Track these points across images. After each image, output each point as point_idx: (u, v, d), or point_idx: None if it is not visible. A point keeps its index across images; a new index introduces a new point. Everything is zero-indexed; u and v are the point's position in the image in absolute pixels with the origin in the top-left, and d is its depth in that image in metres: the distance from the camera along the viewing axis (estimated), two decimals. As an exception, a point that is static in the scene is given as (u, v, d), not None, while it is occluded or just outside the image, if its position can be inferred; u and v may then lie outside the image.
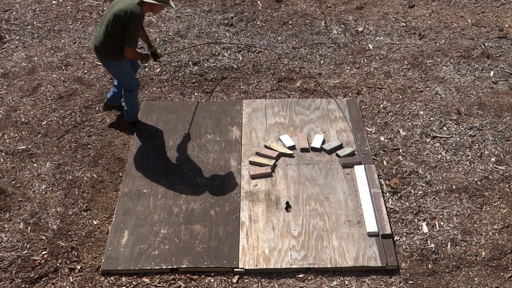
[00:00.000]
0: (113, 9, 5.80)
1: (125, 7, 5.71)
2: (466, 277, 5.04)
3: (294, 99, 7.01)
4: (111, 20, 5.76)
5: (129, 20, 5.70)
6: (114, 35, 5.83)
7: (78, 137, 6.53)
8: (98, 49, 6.01)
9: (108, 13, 5.87)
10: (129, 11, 5.68)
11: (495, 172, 6.02)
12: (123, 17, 5.70)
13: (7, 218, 5.58)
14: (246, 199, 5.70)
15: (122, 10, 5.69)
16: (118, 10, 5.72)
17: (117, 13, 5.71)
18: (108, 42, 5.88)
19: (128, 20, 5.70)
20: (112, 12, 5.76)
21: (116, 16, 5.72)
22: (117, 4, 5.82)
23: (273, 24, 8.64)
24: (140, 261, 5.12)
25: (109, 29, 5.81)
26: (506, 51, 7.94)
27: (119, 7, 5.74)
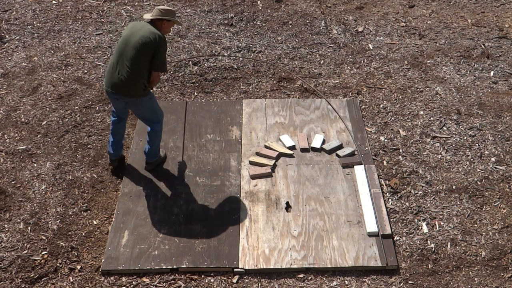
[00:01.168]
0: (134, 40, 5.31)
1: (150, 33, 5.30)
2: (466, 277, 5.04)
3: (294, 99, 7.01)
4: (139, 50, 5.27)
5: (159, 44, 5.30)
6: (143, 67, 5.35)
7: (78, 137, 6.53)
8: (124, 90, 5.41)
9: (127, 46, 5.34)
10: (157, 35, 5.30)
11: (495, 172, 6.02)
12: (153, 43, 5.28)
13: (7, 218, 5.58)
14: (246, 199, 5.70)
15: (149, 37, 5.28)
16: (144, 38, 5.28)
17: (144, 40, 5.26)
18: (138, 78, 5.35)
19: (158, 44, 5.29)
20: (136, 43, 5.28)
21: (145, 44, 5.26)
22: (134, 34, 5.35)
23: (273, 24, 8.64)
24: (140, 261, 5.12)
25: (139, 62, 5.30)
26: (506, 51, 7.94)
27: (141, 35, 5.29)
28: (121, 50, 5.38)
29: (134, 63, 5.31)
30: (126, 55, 5.34)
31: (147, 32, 5.31)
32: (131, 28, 5.42)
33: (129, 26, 5.46)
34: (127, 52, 5.33)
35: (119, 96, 5.46)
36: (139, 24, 5.43)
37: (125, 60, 5.33)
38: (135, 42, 5.29)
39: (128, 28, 5.45)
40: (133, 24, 5.48)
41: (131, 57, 5.31)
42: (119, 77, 5.37)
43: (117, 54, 5.41)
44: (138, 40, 5.29)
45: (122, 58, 5.36)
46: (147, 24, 5.41)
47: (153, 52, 5.31)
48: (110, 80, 5.45)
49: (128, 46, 5.33)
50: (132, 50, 5.30)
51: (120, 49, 5.39)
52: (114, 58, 5.43)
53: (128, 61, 5.32)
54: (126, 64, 5.32)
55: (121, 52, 5.37)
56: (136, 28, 5.39)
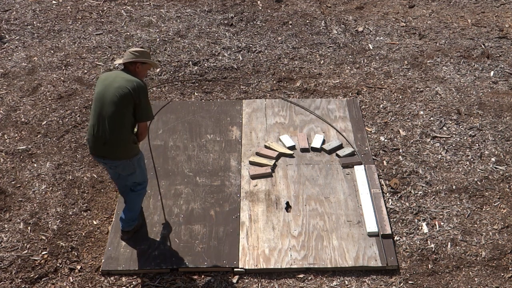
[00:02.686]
0: (109, 95, 4.65)
1: (126, 82, 4.68)
2: (466, 277, 5.04)
3: (294, 99, 7.01)
4: (119, 105, 4.62)
5: (139, 92, 4.68)
6: (127, 122, 4.70)
7: (78, 137, 6.53)
8: (112, 153, 4.75)
9: (104, 104, 4.66)
10: (134, 82, 4.69)
11: (495, 172, 6.02)
12: (132, 93, 4.64)
13: (7, 218, 5.58)
14: (246, 199, 5.70)
15: (126, 87, 4.65)
16: (120, 90, 4.64)
17: (122, 93, 4.63)
18: (124, 136, 4.71)
19: (138, 93, 4.67)
20: (113, 97, 4.63)
21: (124, 97, 4.62)
22: (108, 88, 4.68)
23: (273, 24, 8.64)
24: (140, 261, 5.11)
25: (121, 118, 4.65)
26: (506, 51, 7.94)
27: (117, 87, 4.66)
28: (98, 109, 4.68)
29: (116, 121, 4.65)
30: (105, 114, 4.66)
31: (122, 82, 4.67)
32: (103, 82, 4.75)
33: (101, 80, 4.78)
34: (105, 110, 4.65)
35: (107, 160, 4.81)
36: (110, 75, 4.78)
37: (106, 120, 4.65)
38: (112, 97, 4.62)
39: (100, 83, 4.77)
40: (104, 76, 4.80)
41: (111, 115, 4.63)
42: (102, 140, 4.70)
43: (95, 114, 4.71)
44: (115, 94, 4.62)
45: (101, 118, 4.67)
46: (119, 73, 4.78)
47: (134, 103, 4.67)
48: (94, 145, 4.77)
49: (105, 104, 4.65)
50: (110, 106, 4.63)
51: (97, 108, 4.69)
52: (93, 120, 4.73)
53: (109, 120, 4.64)
54: (108, 124, 4.65)
55: (99, 112, 4.68)
56: (108, 80, 4.73)
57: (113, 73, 4.82)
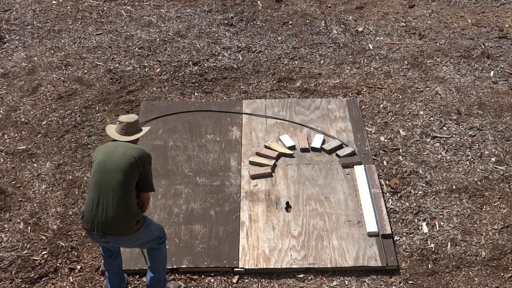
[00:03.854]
0: (114, 164, 4.30)
1: (132, 150, 4.36)
2: (466, 277, 5.04)
3: (294, 99, 7.01)
4: (127, 175, 4.28)
5: (146, 160, 4.39)
6: (133, 193, 4.36)
7: (78, 137, 6.53)
8: (116, 229, 4.30)
9: (107, 175, 4.29)
10: (140, 151, 4.39)
11: (495, 172, 6.02)
12: (139, 161, 4.33)
13: (7, 218, 5.58)
14: (246, 199, 5.70)
15: (133, 156, 4.32)
16: (128, 158, 4.30)
17: (130, 161, 4.29)
18: (130, 209, 4.32)
19: (145, 161, 4.37)
20: (121, 166, 4.28)
21: (132, 165, 4.29)
22: (111, 158, 4.33)
23: (273, 24, 8.64)
24: (140, 261, 5.11)
25: (128, 189, 4.30)
26: (506, 51, 7.94)
27: (122, 154, 4.33)
28: (100, 181, 4.30)
29: (122, 191, 4.28)
30: (108, 185, 4.27)
31: (126, 149, 4.36)
32: (103, 151, 4.40)
33: (100, 152, 4.42)
34: (110, 181, 4.27)
35: (108, 238, 4.33)
36: (110, 145, 4.46)
37: (110, 190, 4.26)
38: (118, 165, 4.28)
39: (99, 154, 4.40)
40: (104, 148, 4.45)
41: (117, 184, 4.26)
42: (106, 215, 4.26)
43: (96, 186, 4.31)
44: (121, 161, 4.29)
45: (104, 191, 4.28)
46: (120, 143, 4.45)
47: (139, 172, 4.34)
48: (93, 221, 4.29)
49: (108, 172, 4.28)
50: (116, 175, 4.27)
51: (99, 180, 4.31)
52: (93, 193, 4.31)
53: (114, 190, 4.26)
54: (112, 196, 4.26)
55: (101, 184, 4.29)
56: (109, 149, 4.40)
57: (112, 144, 4.46)
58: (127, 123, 4.51)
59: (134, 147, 4.42)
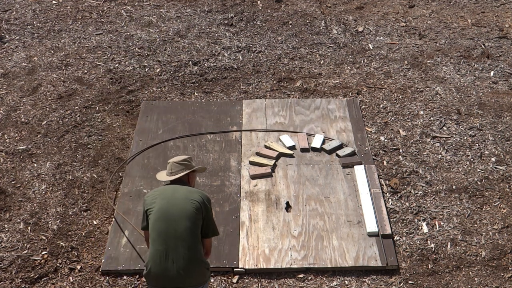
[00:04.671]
0: (178, 210, 4.02)
1: (193, 194, 4.13)
2: (466, 277, 5.04)
3: (294, 99, 7.01)
4: (193, 221, 4.02)
5: (208, 204, 4.18)
6: (199, 240, 4.09)
7: (78, 137, 6.53)
8: (188, 280, 4.01)
9: (173, 223, 3.99)
10: (201, 194, 4.16)
11: (495, 172, 6.02)
12: (203, 205, 4.10)
13: (7, 218, 5.58)
14: (246, 199, 5.70)
15: (196, 200, 4.08)
16: (192, 203, 4.06)
17: (196, 206, 4.06)
18: (199, 257, 4.06)
19: (207, 205, 4.15)
20: (186, 212, 4.02)
21: (198, 210, 4.06)
22: (173, 204, 4.05)
23: (273, 24, 8.64)
24: (140, 261, 5.11)
25: (195, 235, 4.04)
26: (506, 51, 7.94)
27: (185, 199, 4.08)
28: (166, 231, 3.98)
29: (191, 240, 4.00)
30: (175, 234, 3.98)
31: (187, 193, 4.11)
32: (163, 198, 4.09)
33: (157, 198, 4.11)
34: (176, 229, 3.98)
35: None
36: (167, 189, 4.17)
37: (178, 241, 3.97)
38: (182, 211, 4.01)
39: (157, 200, 4.10)
40: (161, 193, 4.15)
41: (185, 233, 3.98)
42: (177, 267, 3.96)
43: (162, 238, 3.98)
44: (186, 207, 4.03)
45: (171, 241, 3.97)
46: (177, 187, 4.20)
47: (202, 217, 4.10)
48: (164, 276, 3.97)
49: (173, 222, 3.99)
50: (183, 222, 3.99)
51: (164, 230, 3.99)
52: (159, 245, 3.98)
53: (183, 240, 3.97)
54: (182, 245, 3.97)
55: (167, 233, 3.97)
56: (168, 194, 4.12)
57: (169, 187, 4.20)
58: (174, 162, 4.27)
59: (194, 190, 4.17)
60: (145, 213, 4.16)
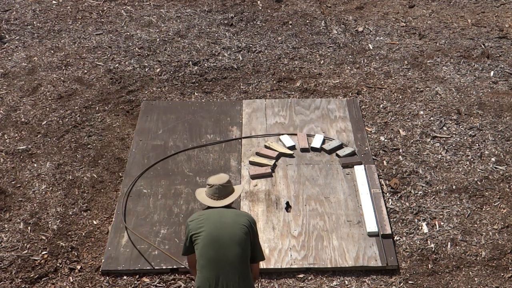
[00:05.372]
0: (228, 235, 3.87)
1: (240, 218, 3.97)
2: (466, 277, 5.04)
3: (294, 99, 7.01)
4: (244, 245, 3.88)
5: (254, 227, 4.02)
6: (248, 265, 3.96)
7: (78, 137, 6.53)
8: None
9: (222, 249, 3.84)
10: (247, 216, 4.02)
11: (495, 172, 6.02)
12: (251, 229, 3.97)
13: (7, 218, 5.58)
14: (246, 199, 5.70)
15: (244, 224, 3.93)
16: (241, 227, 3.91)
17: (245, 230, 3.91)
18: (252, 283, 3.96)
19: (254, 228, 4.01)
20: (236, 237, 3.86)
21: (247, 234, 3.91)
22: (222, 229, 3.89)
23: (273, 24, 8.64)
24: (140, 261, 5.11)
25: (246, 261, 3.91)
26: (506, 51, 7.94)
27: (234, 223, 3.92)
28: (216, 258, 3.84)
29: (242, 267, 3.87)
30: (226, 261, 3.83)
31: (234, 217, 3.96)
32: (210, 224, 3.92)
33: (204, 223, 3.94)
34: (227, 256, 3.84)
35: None
36: (213, 213, 4.01)
37: (228, 268, 3.82)
38: (232, 236, 3.86)
39: (205, 225, 3.92)
40: (207, 218, 3.97)
41: (236, 260, 3.85)
42: None
43: (211, 264, 3.83)
44: (235, 232, 3.88)
45: (222, 268, 3.83)
46: (223, 210, 4.02)
47: (250, 241, 3.96)
48: None
49: (223, 249, 3.84)
50: (233, 248, 3.85)
51: (214, 256, 3.84)
52: (209, 272, 3.83)
53: (234, 267, 3.83)
54: (232, 272, 3.83)
55: (216, 260, 3.83)
56: (214, 218, 3.95)
57: (214, 211, 4.03)
58: (220, 185, 4.04)
59: (241, 213, 4.02)
60: (189, 238, 3.98)
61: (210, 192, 4.08)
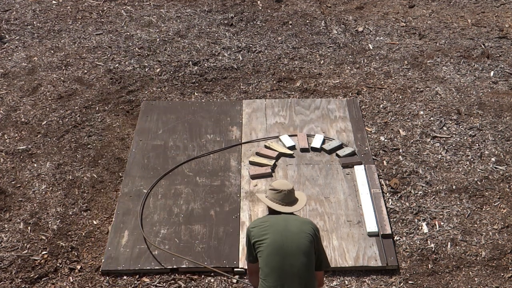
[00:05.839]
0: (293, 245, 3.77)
1: (305, 225, 3.89)
2: (466, 277, 5.04)
3: (294, 99, 7.01)
4: (309, 255, 3.80)
5: (318, 235, 3.93)
6: (314, 274, 3.89)
7: (78, 137, 6.53)
8: None
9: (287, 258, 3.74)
10: (311, 223, 3.94)
11: (495, 172, 6.02)
12: (315, 237, 3.89)
13: (7, 218, 5.58)
14: (246, 199, 5.70)
15: (309, 233, 3.85)
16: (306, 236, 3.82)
17: (310, 239, 3.83)
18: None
19: (318, 235, 3.92)
20: (301, 246, 3.77)
21: (312, 243, 3.83)
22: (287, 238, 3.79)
23: (273, 24, 8.64)
24: (140, 261, 5.11)
25: (311, 270, 3.83)
26: (506, 51, 7.94)
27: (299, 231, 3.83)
28: (282, 267, 3.74)
29: (308, 277, 3.80)
30: (292, 270, 3.75)
31: (298, 225, 3.87)
32: (275, 231, 3.82)
33: (268, 230, 3.84)
34: (293, 265, 3.75)
35: None
36: (278, 220, 3.91)
37: (295, 278, 3.74)
38: (298, 245, 3.78)
39: (270, 233, 3.82)
40: (271, 225, 3.87)
41: (303, 270, 3.77)
42: None
43: (277, 274, 3.74)
44: (303, 242, 3.79)
45: (287, 278, 3.74)
46: (288, 217, 3.93)
47: (314, 249, 3.88)
48: None
49: (289, 258, 3.75)
50: (301, 259, 3.76)
51: (279, 265, 3.75)
52: (273, 281, 3.74)
53: (300, 277, 3.76)
54: (299, 282, 3.74)
55: (282, 269, 3.74)
56: (280, 226, 3.85)
57: (279, 217, 3.93)
58: (288, 190, 3.97)
59: (306, 221, 3.94)
60: (252, 245, 3.88)
61: (278, 198, 3.98)
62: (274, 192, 3.99)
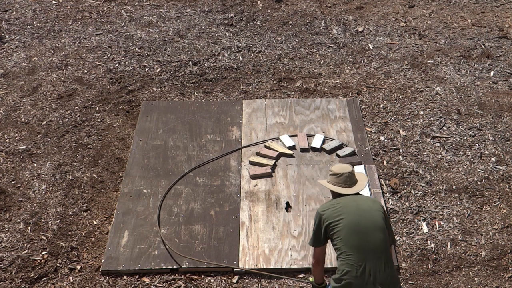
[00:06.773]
0: (369, 222, 3.89)
1: (374, 203, 4.02)
2: (466, 277, 5.04)
3: (294, 99, 7.01)
4: (384, 229, 3.93)
5: (386, 212, 4.10)
6: (390, 249, 4.00)
7: (78, 137, 6.54)
8: None
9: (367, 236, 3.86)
10: (379, 203, 4.06)
11: (495, 172, 6.02)
12: (384, 215, 4.00)
13: (7, 218, 5.58)
14: (246, 199, 5.70)
15: (380, 210, 3.99)
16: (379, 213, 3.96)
17: (382, 216, 3.97)
18: (397, 274, 4.06)
19: (386, 213, 4.08)
20: (377, 223, 3.90)
21: (384, 219, 3.97)
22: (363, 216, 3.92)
23: (273, 24, 8.64)
24: (140, 261, 5.12)
25: (388, 243, 3.95)
26: (506, 51, 7.94)
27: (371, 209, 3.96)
28: (359, 244, 3.84)
29: (386, 252, 3.89)
30: (371, 246, 3.85)
31: (371, 204, 3.99)
32: (348, 212, 3.93)
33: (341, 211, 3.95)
34: (371, 241, 3.85)
35: None
36: (350, 203, 4.00)
37: (375, 254, 3.84)
38: (374, 222, 3.90)
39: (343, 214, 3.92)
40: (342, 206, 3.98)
41: (380, 245, 3.86)
42: (375, 281, 3.82)
43: (358, 250, 3.83)
44: (377, 219, 3.91)
45: (368, 254, 3.84)
46: (357, 197, 4.05)
47: (387, 226, 4.01)
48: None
49: (368, 235, 3.85)
50: (378, 235, 3.86)
51: (356, 243, 3.84)
52: (356, 257, 3.83)
53: (379, 252, 3.85)
54: (378, 257, 3.85)
55: (362, 247, 3.84)
56: (351, 207, 3.95)
57: (349, 198, 4.04)
58: (349, 172, 4.10)
59: (373, 199, 4.07)
60: (323, 228, 3.97)
61: (340, 181, 4.11)
62: (335, 176, 4.13)
